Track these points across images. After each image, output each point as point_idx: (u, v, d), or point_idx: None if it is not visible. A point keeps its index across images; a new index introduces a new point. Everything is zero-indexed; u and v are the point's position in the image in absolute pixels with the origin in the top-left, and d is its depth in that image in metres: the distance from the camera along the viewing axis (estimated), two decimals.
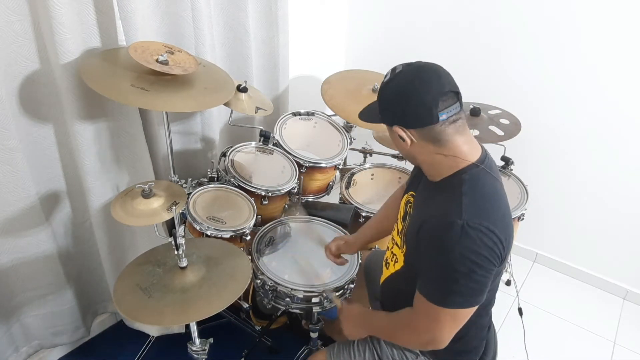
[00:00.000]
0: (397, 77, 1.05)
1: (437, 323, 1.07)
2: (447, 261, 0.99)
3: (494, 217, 1.01)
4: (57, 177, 1.62)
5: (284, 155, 1.94)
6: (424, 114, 1.02)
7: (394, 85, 1.06)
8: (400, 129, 1.06)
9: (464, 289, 1.01)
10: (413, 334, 1.15)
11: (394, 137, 1.11)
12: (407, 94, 1.03)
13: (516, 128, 1.97)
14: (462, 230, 0.97)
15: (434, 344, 1.10)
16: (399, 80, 1.05)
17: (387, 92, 1.08)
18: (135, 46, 1.42)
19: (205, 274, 1.29)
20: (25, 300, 1.69)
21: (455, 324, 1.08)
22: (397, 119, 1.07)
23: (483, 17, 2.30)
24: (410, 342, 1.21)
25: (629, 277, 2.40)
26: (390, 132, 1.12)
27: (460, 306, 1.04)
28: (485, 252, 0.98)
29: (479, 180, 1.06)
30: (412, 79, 1.03)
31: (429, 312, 1.06)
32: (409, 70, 1.05)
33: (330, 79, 2.17)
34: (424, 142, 1.06)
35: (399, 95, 1.04)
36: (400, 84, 1.05)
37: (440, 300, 1.04)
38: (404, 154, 1.15)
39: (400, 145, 1.11)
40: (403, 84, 1.04)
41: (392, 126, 1.08)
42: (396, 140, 1.11)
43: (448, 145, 1.05)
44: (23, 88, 1.42)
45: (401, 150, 1.14)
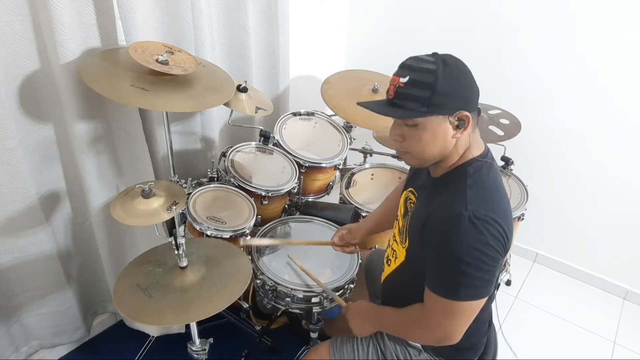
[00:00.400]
0: (448, 62, 1.01)
1: (450, 318, 1.07)
2: (456, 253, 0.99)
3: (498, 208, 1.02)
4: (57, 177, 1.62)
5: (284, 155, 1.94)
6: (478, 95, 1.05)
7: (452, 69, 1.01)
8: (465, 113, 1.02)
9: (475, 281, 1.01)
10: (426, 331, 1.14)
11: (439, 130, 1.03)
12: (468, 75, 1.03)
13: (516, 128, 1.97)
14: (469, 222, 0.98)
15: (448, 339, 1.10)
16: (453, 64, 1.02)
17: (447, 78, 1.00)
18: (135, 46, 1.42)
19: (205, 274, 1.29)
20: (26, 300, 1.69)
21: (468, 317, 1.07)
22: (462, 103, 1.02)
23: (483, 17, 2.30)
24: (422, 339, 1.21)
25: (629, 277, 2.40)
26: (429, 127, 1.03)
27: (472, 298, 1.04)
28: (493, 243, 0.99)
29: (482, 173, 1.07)
30: (461, 62, 1.04)
31: (442, 307, 1.06)
32: (453, 59, 1.03)
33: (330, 79, 2.17)
34: (471, 128, 1.06)
35: (462, 78, 1.03)
36: (457, 67, 1.02)
37: (452, 294, 1.04)
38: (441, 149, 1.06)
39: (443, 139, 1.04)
40: (460, 67, 1.03)
41: (454, 113, 1.02)
42: (441, 133, 1.04)
43: (475, 133, 1.08)
44: (23, 88, 1.42)
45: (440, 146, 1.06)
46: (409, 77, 1.01)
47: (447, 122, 1.03)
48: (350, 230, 1.53)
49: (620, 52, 2.01)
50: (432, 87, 1.00)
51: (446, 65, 1.00)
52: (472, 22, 2.34)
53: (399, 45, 2.63)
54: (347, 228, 1.55)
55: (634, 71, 2.01)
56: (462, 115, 1.02)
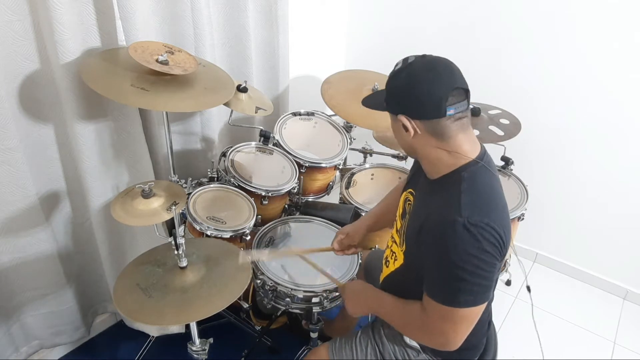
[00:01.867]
0: (409, 67, 1.05)
1: (451, 324, 1.06)
2: (452, 260, 0.99)
3: (492, 213, 1.02)
4: (57, 177, 1.62)
5: (284, 155, 1.94)
6: (433, 106, 1.02)
7: (405, 74, 1.05)
8: (405, 118, 1.05)
9: (473, 287, 1.01)
10: (427, 336, 1.14)
11: (397, 126, 1.10)
12: (418, 83, 1.03)
13: (516, 128, 1.97)
14: (463, 228, 0.97)
15: (449, 345, 1.10)
16: (412, 69, 1.04)
17: (398, 80, 1.06)
18: (135, 46, 1.42)
19: (205, 274, 1.29)
20: (26, 300, 1.69)
21: (469, 323, 1.07)
22: (403, 108, 1.06)
23: (483, 18, 2.30)
24: (425, 342, 1.21)
25: (629, 277, 2.40)
26: (393, 122, 1.12)
27: (471, 304, 1.04)
28: (488, 248, 0.99)
29: (477, 178, 1.06)
30: (425, 70, 1.03)
31: (442, 314, 1.06)
32: (423, 62, 1.05)
33: (330, 79, 2.17)
34: (427, 134, 1.06)
35: (409, 84, 1.04)
36: (412, 73, 1.04)
37: (450, 301, 1.03)
38: (404, 144, 1.14)
39: (402, 136, 1.11)
40: (415, 74, 1.04)
41: (397, 115, 1.07)
42: (398, 130, 1.10)
43: (450, 141, 1.06)
44: (23, 88, 1.42)
45: (401, 141, 1.14)
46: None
47: (396, 122, 1.10)
48: (348, 235, 1.52)
49: (620, 52, 2.01)
50: (387, 85, 1.10)
51: (406, 68, 1.05)
52: (472, 22, 2.34)
53: (399, 45, 2.62)
54: (344, 232, 1.53)
55: (633, 71, 2.01)
56: (401, 118, 1.06)
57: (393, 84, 1.08)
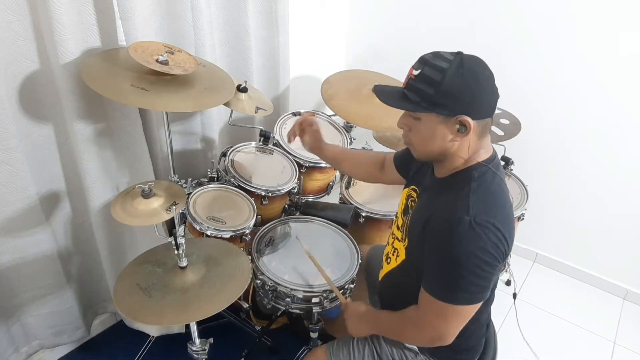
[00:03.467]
0: (464, 65, 0.99)
1: (443, 319, 1.07)
2: (454, 258, 1.00)
3: (499, 214, 1.02)
4: (57, 177, 1.62)
5: (284, 155, 1.94)
6: (492, 105, 1.03)
7: (465, 72, 0.98)
8: (467, 118, 1.00)
9: (470, 286, 1.02)
10: (419, 331, 1.15)
11: (437, 129, 1.03)
12: (484, 81, 1.01)
13: (516, 128, 1.97)
14: (469, 227, 0.98)
15: (440, 341, 1.11)
16: (470, 67, 0.99)
17: (456, 79, 0.98)
18: (135, 46, 1.42)
19: (205, 274, 1.29)
20: (26, 300, 1.69)
21: (461, 320, 1.08)
22: (466, 108, 1.00)
23: (483, 18, 2.30)
24: (417, 339, 1.21)
25: (629, 277, 2.40)
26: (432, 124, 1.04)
27: (466, 302, 1.04)
28: (491, 249, 0.99)
29: (487, 178, 1.06)
30: (482, 68, 1.01)
31: (435, 308, 1.06)
32: (475, 60, 1.01)
33: (330, 79, 2.17)
34: (475, 135, 1.04)
35: (475, 83, 0.99)
36: (472, 71, 0.99)
37: (446, 297, 1.04)
38: (437, 148, 1.06)
39: (442, 139, 1.04)
40: (477, 72, 1.00)
41: (453, 116, 1.01)
42: (440, 133, 1.03)
43: (483, 140, 1.06)
44: (23, 88, 1.42)
45: (438, 145, 1.06)
46: (420, 70, 1.02)
47: (448, 124, 1.03)
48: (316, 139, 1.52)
49: (620, 52, 2.01)
50: (437, 85, 0.99)
51: (460, 67, 0.98)
52: (472, 22, 2.34)
53: (399, 45, 2.62)
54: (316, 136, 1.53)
55: (633, 71, 2.01)
56: (463, 119, 1.00)
57: (451, 83, 0.98)
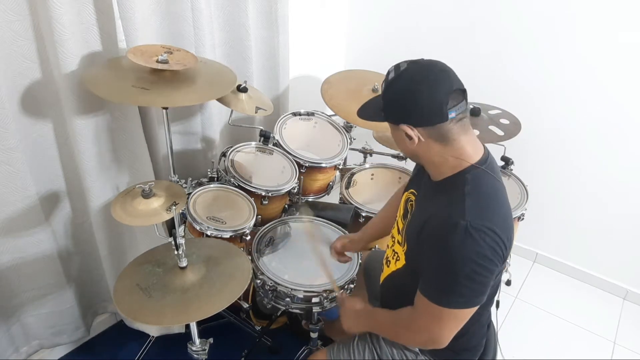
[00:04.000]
0: (404, 75, 1.03)
1: (438, 323, 1.07)
2: (450, 262, 0.99)
3: (496, 218, 1.02)
4: (57, 177, 1.62)
5: (284, 155, 1.94)
6: (435, 112, 1.01)
7: (402, 82, 1.03)
8: (408, 127, 1.04)
9: (466, 290, 1.01)
10: (414, 333, 1.15)
11: (399, 135, 1.08)
12: (417, 91, 1.01)
13: (516, 128, 1.97)
14: (465, 232, 0.97)
15: (435, 344, 1.11)
16: (407, 77, 1.02)
17: (394, 90, 1.04)
18: (134, 50, 1.43)
19: (205, 274, 1.29)
20: (25, 300, 1.69)
21: (456, 323, 1.08)
22: (405, 117, 1.04)
23: (483, 18, 2.30)
24: (411, 341, 1.21)
25: (629, 277, 2.40)
26: (394, 131, 1.10)
27: (461, 306, 1.04)
28: (488, 253, 0.98)
29: (482, 181, 1.06)
30: (421, 76, 1.02)
31: (430, 311, 1.06)
32: (417, 68, 1.03)
33: (330, 79, 2.17)
34: (431, 140, 1.05)
35: (408, 93, 1.02)
36: (409, 81, 1.02)
37: (441, 301, 1.04)
38: (408, 152, 1.13)
39: (405, 144, 1.09)
40: (412, 81, 1.02)
41: (398, 124, 1.06)
42: (401, 139, 1.09)
43: (454, 144, 1.05)
44: (23, 88, 1.42)
45: (404, 149, 1.12)
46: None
47: (398, 131, 1.07)
48: (352, 241, 1.54)
49: (620, 52, 2.01)
50: (383, 95, 1.07)
51: (399, 77, 1.03)
52: (472, 23, 2.34)
53: (399, 45, 2.63)
54: (349, 238, 1.55)
55: (633, 71, 2.01)
56: (404, 128, 1.04)
57: (390, 93, 1.05)
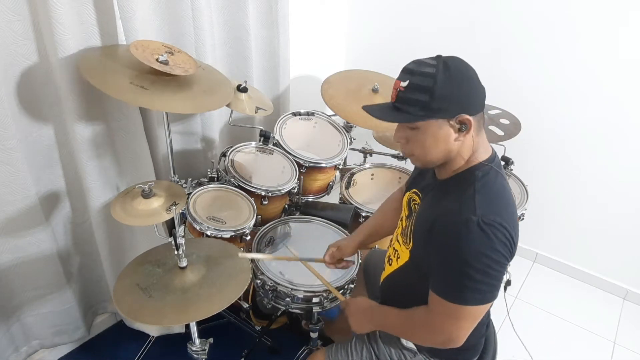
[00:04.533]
0: (449, 67, 1.01)
1: (455, 321, 1.07)
2: (463, 258, 1.00)
3: (505, 213, 1.02)
4: (57, 177, 1.62)
5: (284, 155, 1.94)
6: (483, 97, 1.05)
7: (451, 74, 1.00)
8: (466, 116, 1.02)
9: (481, 285, 1.01)
10: (430, 334, 1.14)
11: (441, 134, 1.04)
12: (468, 79, 1.03)
13: (516, 128, 1.97)
14: (477, 227, 0.98)
15: (452, 343, 1.10)
16: (455, 68, 1.01)
17: (447, 81, 1.00)
18: (137, 44, 1.42)
19: (205, 274, 1.29)
20: (25, 300, 1.69)
21: (473, 321, 1.08)
22: (462, 107, 1.01)
23: (483, 18, 2.30)
24: (427, 341, 1.20)
25: (629, 277, 2.40)
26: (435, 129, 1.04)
27: (478, 302, 1.04)
28: (500, 248, 0.99)
29: (491, 178, 1.07)
30: (464, 67, 1.03)
31: (448, 311, 1.06)
32: (455, 60, 1.03)
33: (330, 79, 2.17)
34: (475, 130, 1.05)
35: (462, 82, 1.02)
36: (457, 71, 1.01)
37: (458, 298, 1.04)
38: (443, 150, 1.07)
39: (447, 142, 1.05)
40: (461, 71, 1.02)
41: (454, 116, 1.02)
42: (443, 136, 1.04)
43: (482, 133, 1.08)
44: (23, 88, 1.42)
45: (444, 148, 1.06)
46: (409, 81, 1.02)
47: (448, 126, 1.03)
48: (339, 248, 1.50)
49: (620, 52, 2.01)
50: (431, 91, 1.00)
51: (447, 69, 1.00)
52: (472, 23, 2.34)
53: (399, 45, 2.63)
54: (336, 245, 1.52)
55: (633, 71, 2.01)
56: (463, 118, 1.02)
57: (444, 86, 1.00)
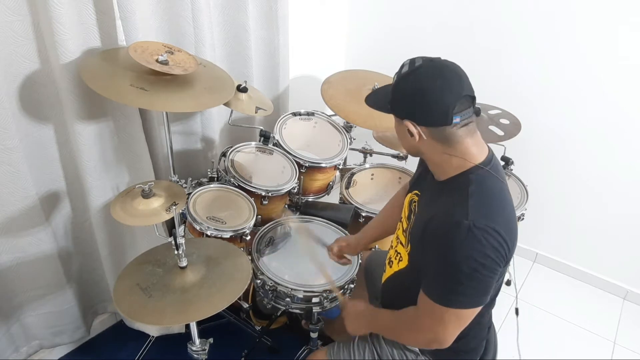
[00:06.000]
0: (417, 71, 1.02)
1: (440, 322, 1.07)
2: (452, 261, 0.99)
3: (499, 218, 1.01)
4: (57, 177, 1.62)
5: (284, 155, 1.94)
6: (440, 114, 1.01)
7: (413, 79, 1.03)
8: (411, 123, 1.04)
9: (468, 290, 1.01)
10: (417, 333, 1.15)
11: (401, 129, 1.09)
12: (426, 91, 1.01)
13: (516, 128, 1.97)
14: (468, 231, 0.97)
15: (438, 344, 1.10)
16: (419, 75, 1.02)
17: (404, 85, 1.04)
18: (135, 46, 1.42)
19: (205, 274, 1.29)
20: (25, 300, 1.69)
21: (459, 323, 1.08)
22: (410, 114, 1.05)
23: (483, 18, 2.30)
24: (413, 341, 1.21)
25: (629, 277, 2.40)
26: (397, 124, 1.10)
27: (464, 306, 1.04)
28: (491, 253, 0.98)
29: (486, 181, 1.06)
30: (434, 76, 1.01)
31: (433, 311, 1.06)
32: (431, 67, 1.02)
33: (330, 79, 2.17)
34: (433, 140, 1.05)
35: (417, 91, 1.02)
36: (420, 79, 1.02)
37: (443, 300, 1.04)
38: (408, 147, 1.13)
39: (406, 139, 1.09)
40: (423, 80, 1.02)
41: (402, 119, 1.06)
42: (403, 132, 1.09)
43: (457, 146, 1.05)
44: (23, 88, 1.42)
45: (405, 144, 1.12)
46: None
47: (402, 126, 1.08)
48: (349, 245, 1.53)
49: (620, 51, 2.01)
50: (393, 89, 1.07)
51: (412, 73, 1.03)
52: (472, 22, 2.34)
53: (399, 45, 2.63)
54: (346, 241, 1.54)
55: (633, 71, 2.01)
56: (407, 123, 1.05)
57: (400, 88, 1.05)
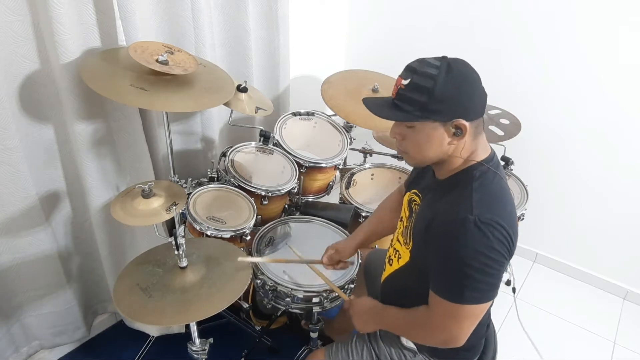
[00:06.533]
0: (453, 68, 1.00)
1: (455, 321, 1.07)
2: (461, 257, 1.00)
3: (503, 212, 1.02)
4: (57, 177, 1.62)
5: (284, 155, 1.94)
6: (483, 104, 1.04)
7: (455, 76, 1.00)
8: (462, 122, 1.01)
9: (480, 284, 1.01)
10: (431, 333, 1.14)
11: (434, 135, 1.04)
12: (471, 84, 1.01)
13: (516, 128, 1.97)
14: (474, 226, 0.98)
15: (452, 342, 1.10)
16: (458, 70, 1.00)
17: (448, 84, 0.99)
18: (135, 46, 1.42)
19: (205, 274, 1.29)
20: (26, 300, 1.69)
21: (473, 320, 1.08)
22: (460, 112, 1.01)
23: (483, 18, 2.30)
24: (427, 341, 1.20)
25: (629, 277, 2.40)
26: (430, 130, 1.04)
27: (477, 301, 1.04)
28: (498, 246, 0.99)
29: (489, 178, 1.07)
30: (468, 70, 1.03)
31: (447, 310, 1.06)
32: (459, 63, 1.02)
33: (330, 79, 2.17)
34: (470, 136, 1.05)
35: (467, 86, 1.01)
36: (462, 74, 1.01)
37: (457, 298, 1.04)
38: (437, 154, 1.07)
39: (439, 144, 1.05)
40: (466, 74, 1.01)
41: (451, 120, 1.02)
42: (437, 138, 1.04)
43: (479, 139, 1.08)
44: (23, 88, 1.42)
45: (432, 152, 1.07)
46: (410, 79, 1.02)
47: (443, 129, 1.04)
48: (337, 250, 1.51)
49: (620, 52, 2.01)
50: (430, 93, 1.00)
51: (449, 72, 1.00)
52: (472, 22, 2.34)
53: (399, 45, 2.63)
54: (334, 248, 1.52)
55: (633, 71, 2.01)
56: (459, 123, 1.02)
57: (447, 89, 1.00)
